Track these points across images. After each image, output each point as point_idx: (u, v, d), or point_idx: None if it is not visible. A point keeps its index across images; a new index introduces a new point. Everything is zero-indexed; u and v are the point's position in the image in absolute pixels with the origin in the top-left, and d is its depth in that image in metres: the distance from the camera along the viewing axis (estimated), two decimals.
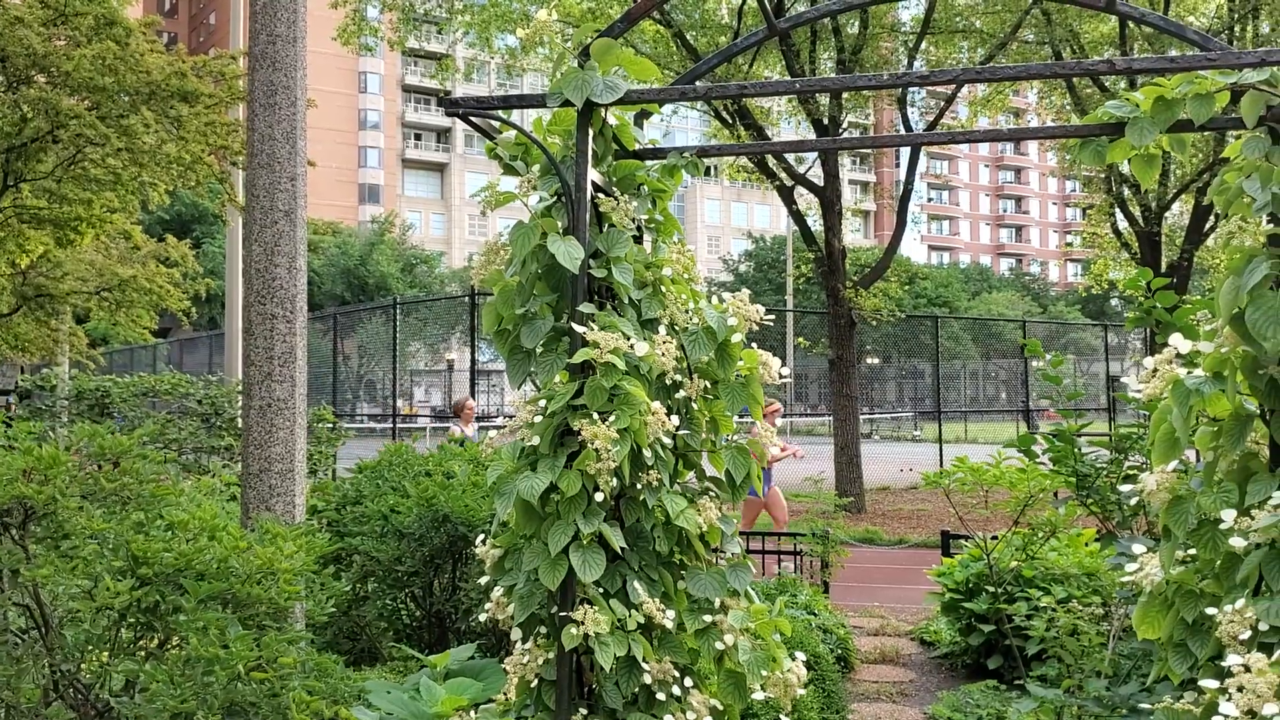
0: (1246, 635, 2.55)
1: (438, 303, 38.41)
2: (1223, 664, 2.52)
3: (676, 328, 3.25)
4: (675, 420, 3.03)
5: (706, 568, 3.11)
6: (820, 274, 18.12)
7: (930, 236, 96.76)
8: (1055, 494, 6.63)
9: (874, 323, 18.74)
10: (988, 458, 6.92)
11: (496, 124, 3.27)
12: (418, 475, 6.00)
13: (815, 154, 18.54)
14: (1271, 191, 2.75)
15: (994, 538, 7.54)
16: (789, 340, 42.32)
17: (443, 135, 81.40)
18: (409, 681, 2.61)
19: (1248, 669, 2.42)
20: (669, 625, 2.91)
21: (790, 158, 19.16)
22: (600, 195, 3.16)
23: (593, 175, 3.15)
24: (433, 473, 6.07)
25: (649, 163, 3.40)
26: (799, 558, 10.14)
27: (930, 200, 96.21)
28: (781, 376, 3.33)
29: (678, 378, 3.22)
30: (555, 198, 3.11)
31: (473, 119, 3.24)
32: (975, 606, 7.34)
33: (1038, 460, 5.69)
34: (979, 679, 6.98)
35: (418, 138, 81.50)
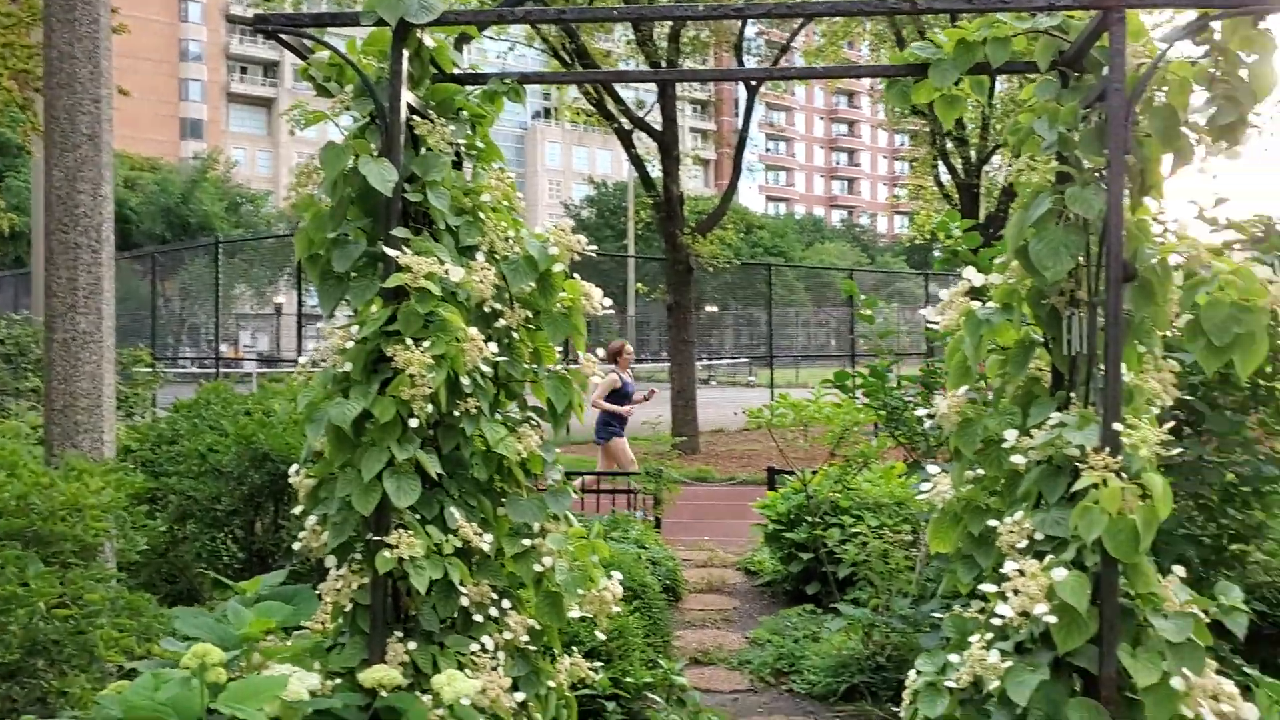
0: (1024, 545, 2.75)
1: (264, 242, 37.07)
2: (1003, 571, 2.70)
3: (496, 256, 3.24)
4: (494, 348, 3.04)
5: (527, 494, 3.15)
6: (659, 220, 18.27)
7: (768, 187, 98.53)
8: (875, 427, 6.93)
9: (711, 269, 19.05)
10: (810, 396, 7.18)
11: (310, 44, 3.18)
12: (237, 414, 5.85)
13: (656, 99, 18.58)
14: (1059, 131, 2.92)
15: (814, 472, 7.85)
16: (630, 286, 42.57)
17: (270, 69, 78.06)
18: (219, 610, 2.58)
19: (1023, 574, 2.61)
20: (486, 549, 2.95)
21: (630, 101, 19.17)
22: (416, 118, 3.11)
23: (409, 98, 3.10)
24: (253, 411, 5.92)
25: (470, 88, 3.37)
26: (632, 496, 10.33)
27: (768, 150, 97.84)
28: (603, 308, 3.38)
29: (498, 306, 3.22)
30: (369, 119, 3.06)
31: (284, 37, 3.14)
32: (796, 536, 7.64)
33: (853, 396, 5.93)
34: (798, 604, 7.29)
35: (244, 71, 77.95)
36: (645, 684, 5.17)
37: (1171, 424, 2.89)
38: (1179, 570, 2.77)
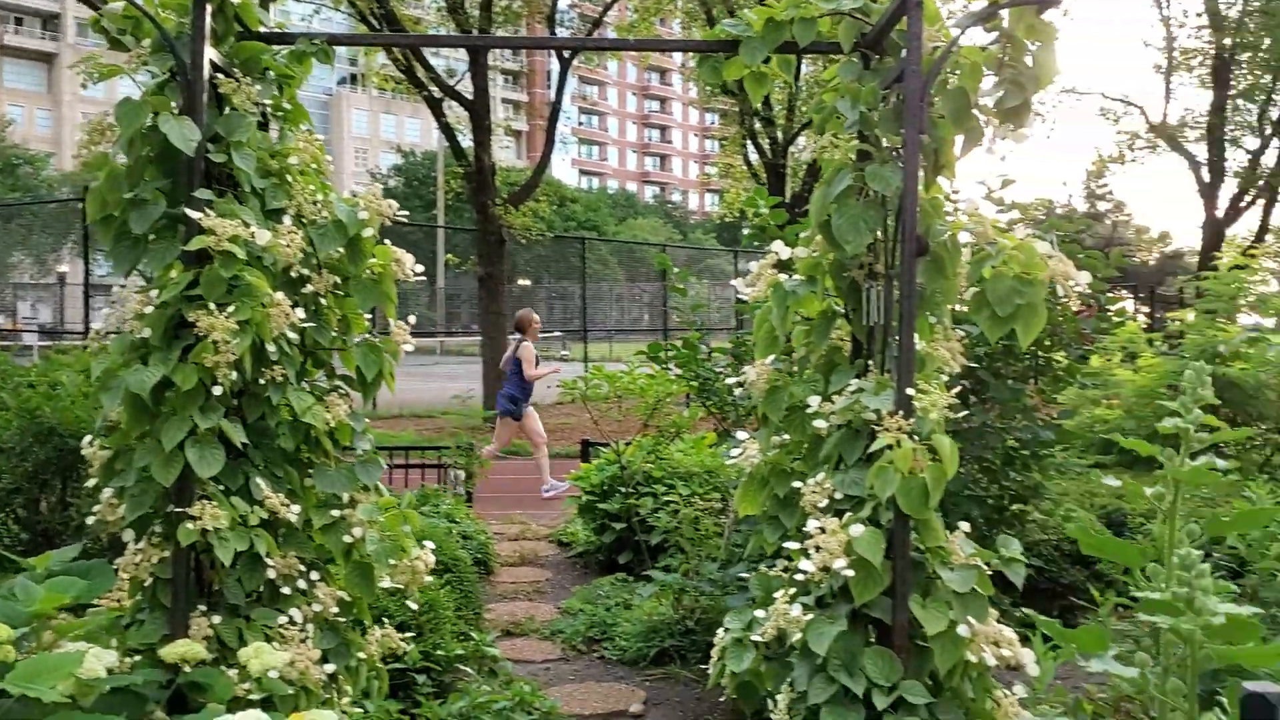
0: (825, 504, 2.88)
1: (45, 207, 34.71)
2: (805, 530, 2.83)
3: (304, 220, 3.16)
4: (301, 314, 2.96)
5: (335, 464, 3.09)
6: (470, 190, 18.06)
7: (581, 161, 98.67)
8: (688, 398, 7.08)
9: (524, 241, 18.97)
10: (624, 369, 7.28)
11: None
12: (18, 386, 5.49)
13: (467, 68, 18.32)
14: (860, 111, 3.05)
15: (628, 443, 7.96)
16: (439, 258, 41.95)
17: (50, 21, 72.91)
18: (5, 586, 2.43)
19: (823, 531, 2.73)
20: (294, 520, 2.88)
21: (441, 69, 18.83)
22: (220, 76, 2.99)
23: (212, 55, 2.97)
24: (37, 383, 5.58)
25: (277, 48, 3.25)
26: (443, 470, 10.23)
27: (581, 124, 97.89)
28: (414, 274, 3.34)
29: (305, 272, 3.14)
30: (169, 75, 2.92)
31: None
32: (609, 506, 7.73)
33: (666, 368, 6.05)
34: (611, 574, 7.39)
35: (19, 22, 72.50)
36: (457, 656, 5.15)
37: (959, 391, 3.08)
38: (964, 526, 2.96)
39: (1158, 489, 1.57)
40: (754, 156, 22.25)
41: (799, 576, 2.78)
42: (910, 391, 2.75)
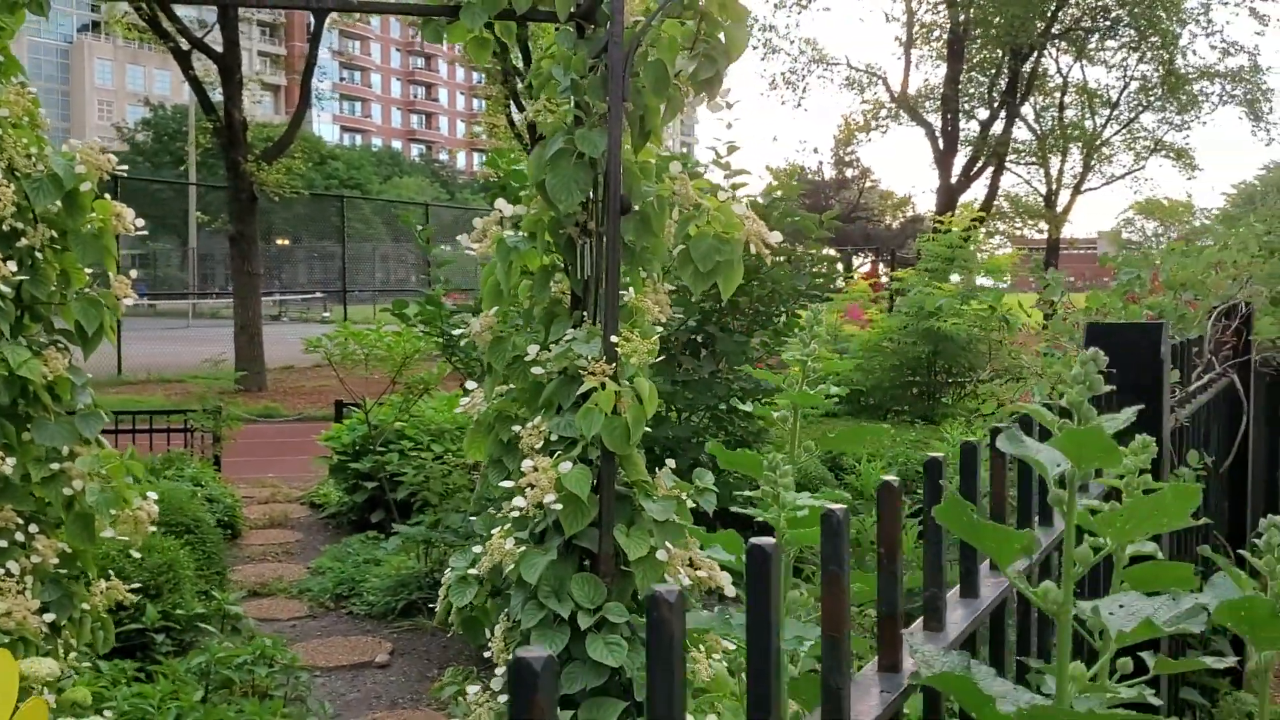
0: (541, 445, 3.10)
1: None
2: (522, 469, 3.04)
3: (18, 173, 3.10)
4: (14, 267, 2.92)
5: (55, 418, 3.07)
6: (221, 146, 17.36)
7: (343, 117, 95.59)
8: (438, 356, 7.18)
9: (278, 198, 18.39)
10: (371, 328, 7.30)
11: None
12: None
13: (216, 20, 17.53)
14: (572, 78, 3.25)
15: (380, 402, 8.00)
16: (191, 216, 39.88)
17: None
18: None
19: (536, 470, 2.95)
20: (9, 473, 2.85)
21: (191, 20, 17.93)
22: None
23: None
24: None
25: None
26: (190, 434, 9.94)
27: (343, 80, 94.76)
28: (136, 228, 3.32)
29: (19, 225, 3.09)
30: None
31: None
32: (360, 466, 7.78)
33: (412, 324, 6.14)
34: (364, 533, 7.45)
35: None
36: (197, 615, 5.14)
37: (690, 344, 3.36)
38: (670, 463, 3.25)
39: (783, 412, 1.85)
40: (517, 116, 22.29)
41: (515, 514, 2.99)
42: (614, 339, 3.00)
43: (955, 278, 11.01)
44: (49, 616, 2.83)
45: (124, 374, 17.55)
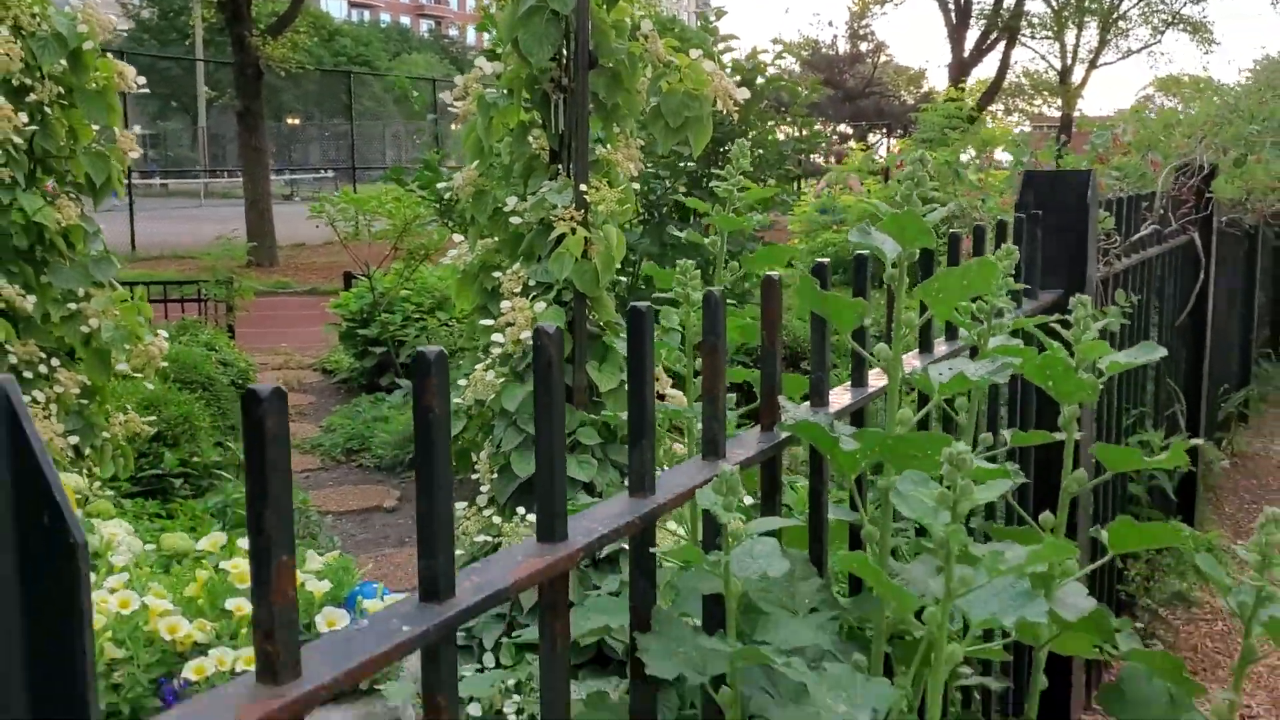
0: (520, 289, 3.35)
1: None
2: (501, 309, 3.30)
3: (24, 31, 3.30)
4: (25, 118, 3.14)
5: (69, 264, 3.33)
6: (225, 20, 17.27)
7: None
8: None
9: (284, 74, 18.37)
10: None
11: None
12: None
13: None
14: None
15: (385, 271, 8.25)
16: (200, 94, 39.62)
17: None
18: None
19: (514, 309, 3.21)
20: (30, 310, 3.13)
21: None
22: None
23: None
24: None
25: None
26: (203, 304, 10.23)
27: None
28: (137, 86, 3.53)
29: (28, 81, 3.30)
30: None
31: None
32: (368, 332, 8.06)
33: (410, 189, 6.34)
34: (373, 395, 7.78)
35: None
36: (214, 463, 5.47)
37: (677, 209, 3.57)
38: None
39: (713, 238, 2.08)
40: None
41: (495, 350, 3.26)
42: (584, 188, 3.22)
43: (967, 155, 11.07)
44: (73, 439, 3.13)
45: (138, 250, 17.83)
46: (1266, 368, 7.87)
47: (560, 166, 3.52)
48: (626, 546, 1.30)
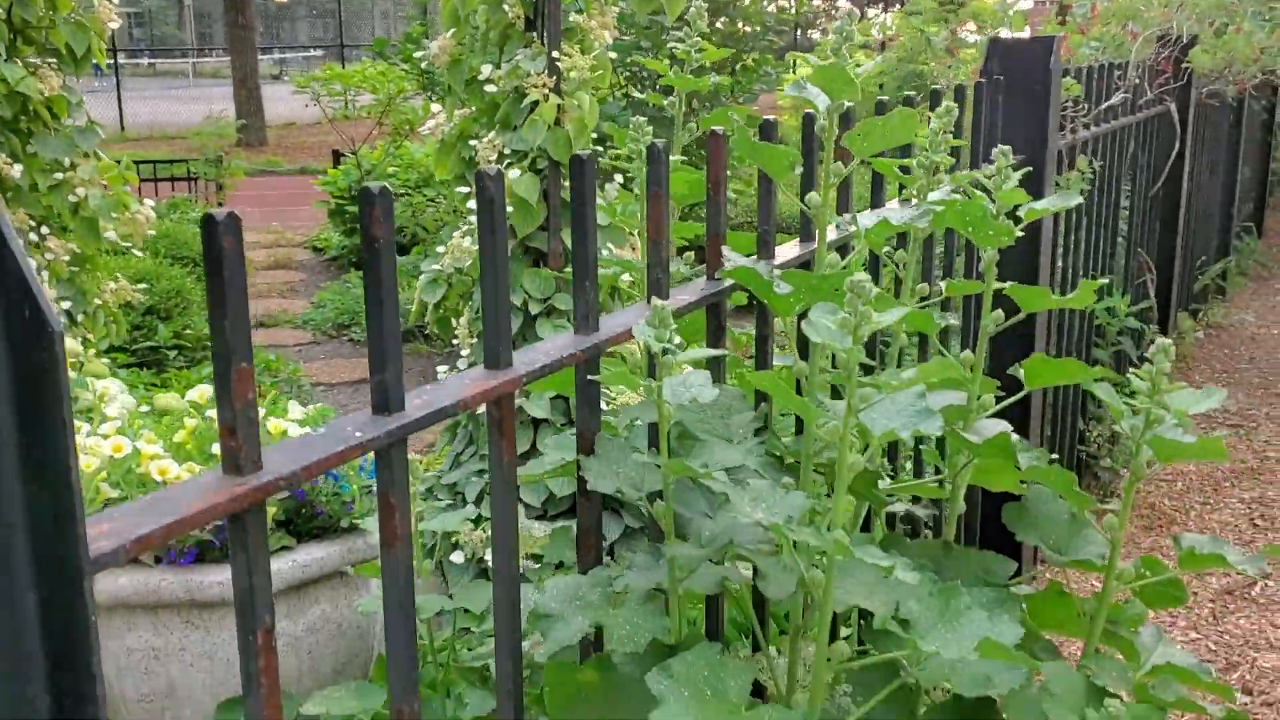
0: (495, 157, 3.41)
1: None
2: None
3: None
4: None
5: (54, 133, 3.39)
6: None
7: None
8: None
9: None
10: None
11: None
12: None
13: None
14: None
15: (372, 148, 8.26)
16: None
17: None
18: None
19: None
20: (18, 178, 3.20)
21: None
22: None
23: None
24: None
25: None
26: (193, 183, 10.24)
27: None
28: None
29: None
30: None
31: None
32: (356, 209, 8.12)
33: (394, 63, 6.33)
34: (361, 271, 7.89)
35: None
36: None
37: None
38: (619, 178, 3.56)
39: (671, 99, 2.16)
40: None
41: (472, 219, 3.34)
42: (556, 55, 3.26)
43: (963, 30, 10.92)
44: (65, 304, 3.24)
45: (127, 131, 17.69)
46: (1249, 241, 7.94)
47: (535, 34, 3.55)
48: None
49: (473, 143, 3.51)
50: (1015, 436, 1.58)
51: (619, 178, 3.59)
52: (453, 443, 3.45)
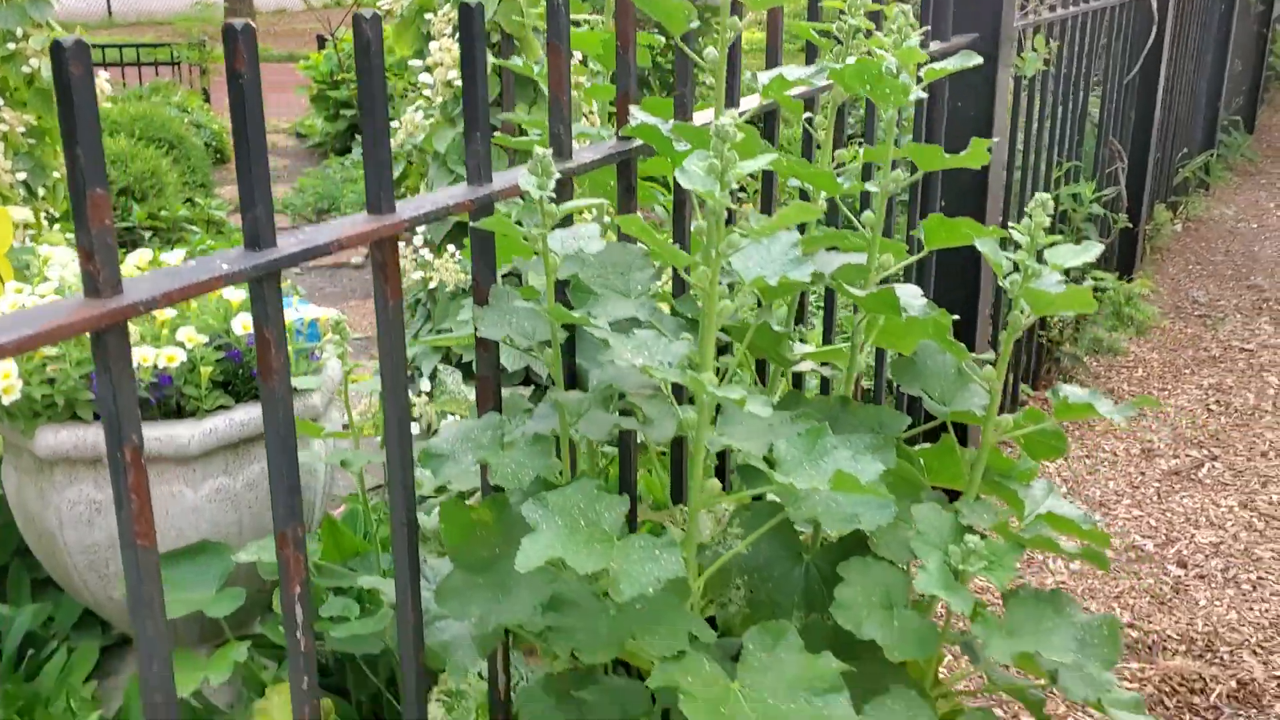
0: (450, 30, 3.39)
1: None
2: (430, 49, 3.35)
3: None
4: None
5: (6, 3, 3.36)
6: None
7: None
8: None
9: None
10: None
11: None
12: None
13: None
14: None
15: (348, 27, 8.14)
16: None
17: None
18: None
19: (441, 49, 3.27)
20: None
21: None
22: None
23: None
24: None
25: None
26: (177, 68, 10.12)
27: None
28: None
29: None
30: None
31: None
32: (338, 95, 8.04)
33: None
34: (344, 157, 7.84)
35: None
36: (182, 217, 5.61)
37: None
38: (579, 55, 3.54)
39: None
40: None
41: (427, 92, 3.34)
42: None
43: None
44: (21, 175, 3.25)
45: (114, 17, 17.39)
46: (1237, 136, 7.88)
47: None
48: None
49: (428, 16, 3.48)
50: (922, 300, 1.62)
51: (579, 56, 3.58)
52: (411, 321, 3.50)
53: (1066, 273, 1.45)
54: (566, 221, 1.52)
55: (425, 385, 2.99)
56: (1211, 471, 3.72)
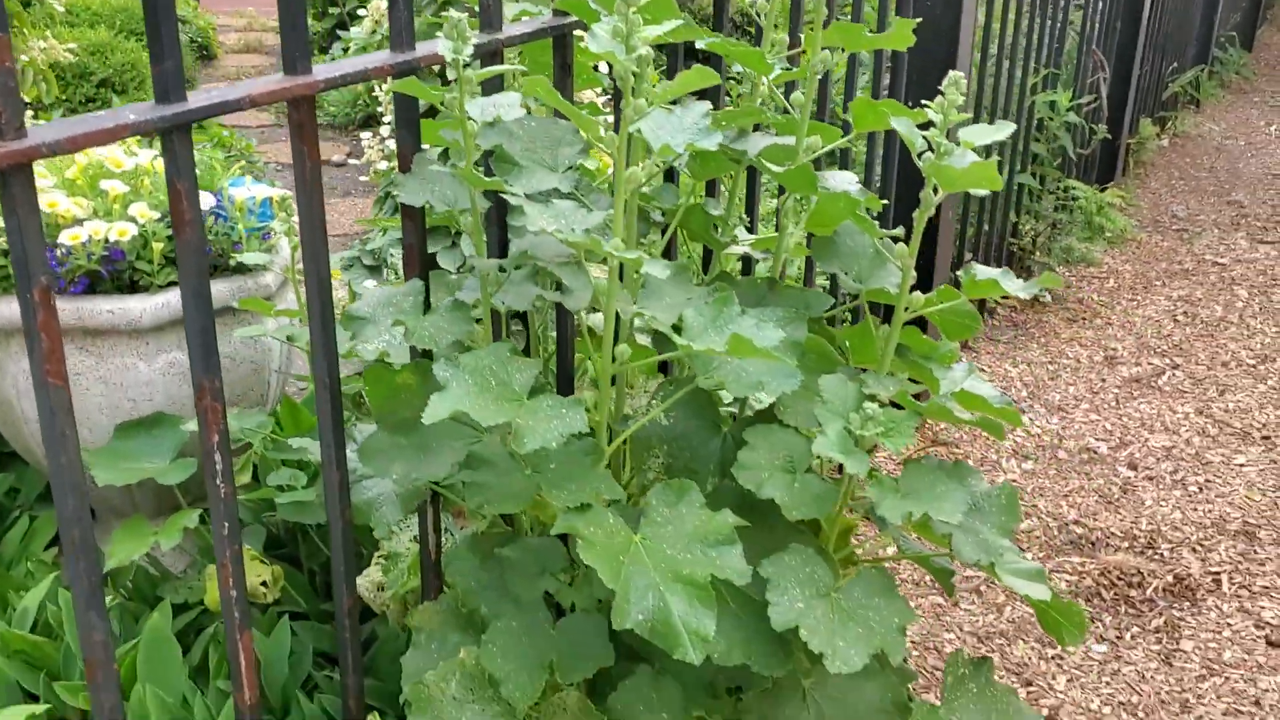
0: None
1: None
2: None
3: None
4: None
5: None
6: None
7: None
8: None
9: None
10: None
11: None
12: None
13: None
14: None
15: None
16: None
17: None
18: None
19: None
20: None
21: None
22: None
23: None
24: None
25: None
26: None
27: None
28: None
29: None
30: None
31: None
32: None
33: None
34: (329, 55, 7.78)
35: None
36: None
37: None
38: None
39: None
40: None
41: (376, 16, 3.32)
42: None
43: None
44: None
45: None
46: (1232, 53, 7.80)
47: None
48: None
49: None
50: (857, 185, 1.65)
51: None
52: (380, 213, 3.52)
53: (987, 153, 1.48)
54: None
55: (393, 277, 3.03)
56: (1172, 379, 3.77)
